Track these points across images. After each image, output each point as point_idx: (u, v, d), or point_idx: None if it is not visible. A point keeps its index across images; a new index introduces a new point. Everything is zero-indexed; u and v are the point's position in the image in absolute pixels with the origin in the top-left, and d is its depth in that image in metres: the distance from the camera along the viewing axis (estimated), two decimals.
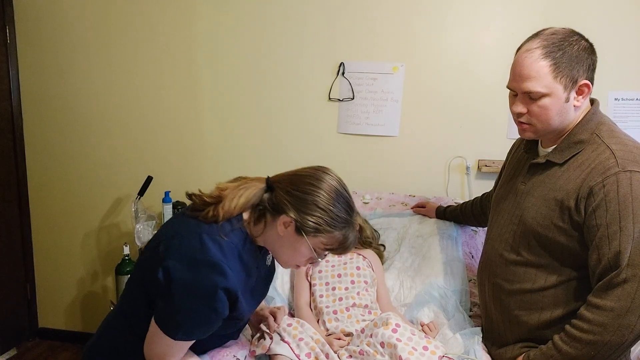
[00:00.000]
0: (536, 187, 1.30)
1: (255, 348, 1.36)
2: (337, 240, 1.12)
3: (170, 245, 1.07)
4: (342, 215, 1.10)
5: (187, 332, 1.07)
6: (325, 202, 1.09)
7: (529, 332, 1.32)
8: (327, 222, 1.09)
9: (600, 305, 1.13)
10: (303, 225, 1.08)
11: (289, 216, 1.09)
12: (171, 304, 1.05)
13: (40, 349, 2.60)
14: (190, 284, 1.03)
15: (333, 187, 1.11)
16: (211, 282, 1.03)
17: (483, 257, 1.48)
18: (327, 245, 1.12)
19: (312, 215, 1.08)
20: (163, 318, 1.07)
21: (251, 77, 2.26)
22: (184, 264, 1.04)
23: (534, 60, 1.18)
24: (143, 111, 2.37)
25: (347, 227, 1.12)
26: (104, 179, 2.46)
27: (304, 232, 1.09)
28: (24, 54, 2.40)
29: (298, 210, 1.09)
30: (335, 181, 1.13)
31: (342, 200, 1.11)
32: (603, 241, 1.13)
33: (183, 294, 1.04)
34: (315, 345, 1.37)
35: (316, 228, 1.09)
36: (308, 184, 1.10)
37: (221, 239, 1.07)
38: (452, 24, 2.09)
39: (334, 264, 1.74)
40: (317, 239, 1.10)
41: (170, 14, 2.26)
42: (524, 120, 1.26)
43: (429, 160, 2.22)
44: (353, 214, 1.13)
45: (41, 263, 2.61)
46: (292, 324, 1.42)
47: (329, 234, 1.10)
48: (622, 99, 2.06)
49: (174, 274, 1.03)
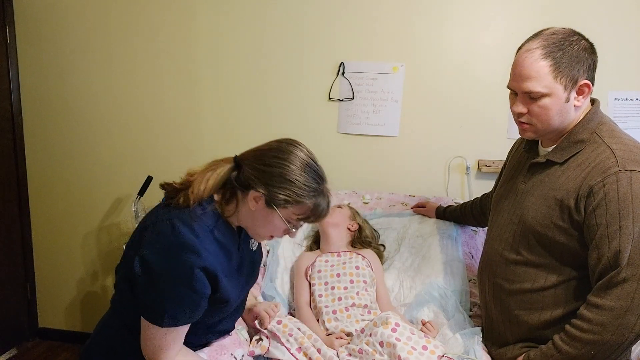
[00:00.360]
0: (536, 186, 1.30)
1: (254, 348, 1.36)
2: (308, 209, 1.13)
3: (144, 236, 1.10)
4: (310, 185, 1.11)
5: (173, 317, 1.07)
6: (292, 173, 1.10)
7: (529, 332, 1.32)
8: (295, 193, 1.10)
9: (600, 304, 1.13)
10: (272, 198, 1.10)
11: (257, 191, 1.10)
12: (151, 291, 1.06)
13: (40, 349, 2.60)
14: (166, 269, 1.05)
15: (299, 157, 1.12)
16: (186, 263, 1.05)
17: (483, 257, 1.48)
18: (299, 215, 1.13)
19: (280, 187, 1.10)
20: (146, 308, 1.08)
21: (251, 77, 2.26)
22: (158, 250, 1.06)
23: (534, 60, 1.18)
24: (143, 111, 2.37)
25: (318, 196, 1.13)
26: (104, 179, 2.46)
27: (275, 205, 1.11)
28: (24, 54, 2.40)
29: (266, 184, 1.10)
30: (302, 151, 1.14)
31: (310, 169, 1.12)
32: (603, 240, 1.14)
33: (161, 280, 1.05)
34: (304, 340, 1.37)
35: (285, 199, 1.10)
36: (274, 157, 1.12)
37: (193, 222, 1.09)
38: (452, 24, 2.09)
39: (333, 263, 1.74)
40: (288, 210, 1.12)
41: (171, 13, 2.26)
42: (524, 120, 1.26)
43: (429, 160, 2.22)
44: (322, 182, 1.14)
45: (41, 263, 2.61)
46: (282, 321, 1.42)
47: (299, 205, 1.11)
48: (622, 99, 2.06)
49: (150, 262, 1.05)
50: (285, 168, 1.10)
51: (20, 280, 2.56)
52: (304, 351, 1.34)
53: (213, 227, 1.13)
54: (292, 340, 1.36)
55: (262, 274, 1.79)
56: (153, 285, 1.06)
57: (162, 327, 1.08)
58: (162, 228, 1.08)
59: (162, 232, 1.07)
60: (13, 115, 2.41)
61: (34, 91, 2.43)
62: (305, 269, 1.74)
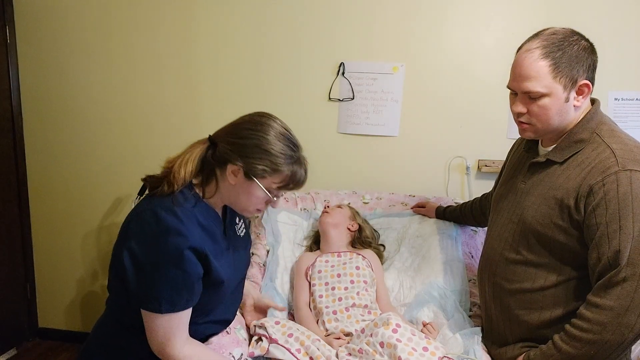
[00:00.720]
0: (536, 186, 1.30)
1: (253, 349, 1.36)
2: (287, 177, 1.14)
3: (129, 229, 1.11)
4: (286, 152, 1.13)
5: (170, 302, 1.08)
6: (267, 142, 1.12)
7: (529, 332, 1.32)
8: (272, 162, 1.12)
9: (600, 304, 1.13)
10: (251, 169, 1.12)
11: (235, 164, 1.12)
12: (145, 281, 1.07)
13: (40, 349, 2.60)
14: (155, 256, 1.06)
15: (272, 127, 1.14)
16: (174, 246, 1.06)
17: (483, 257, 1.48)
18: (279, 183, 1.15)
19: (257, 157, 1.11)
20: (143, 298, 1.09)
21: (251, 77, 2.26)
22: (144, 239, 1.07)
23: (534, 60, 1.18)
24: (143, 111, 2.37)
25: (294, 163, 1.14)
26: (104, 179, 2.46)
27: (253, 176, 1.12)
28: (24, 54, 2.40)
29: (243, 156, 1.12)
30: (274, 122, 1.16)
31: (283, 138, 1.14)
32: (603, 240, 1.14)
33: (152, 267, 1.06)
34: (305, 340, 1.37)
35: (263, 169, 1.12)
36: (248, 130, 1.14)
37: (175, 207, 1.10)
38: (452, 24, 2.09)
39: (334, 264, 1.74)
40: (267, 179, 1.13)
41: (171, 13, 2.26)
42: (524, 120, 1.26)
43: (429, 160, 2.22)
44: (298, 150, 1.16)
45: (41, 263, 2.61)
46: (279, 322, 1.43)
47: (277, 173, 1.13)
48: (622, 99, 2.06)
49: (138, 252, 1.07)
50: (260, 139, 1.12)
51: (20, 280, 2.56)
52: (304, 350, 1.34)
53: (195, 211, 1.14)
54: (292, 340, 1.36)
55: (262, 273, 1.79)
56: (145, 274, 1.07)
57: (162, 314, 1.08)
58: (145, 217, 1.10)
59: (146, 222, 1.09)
60: (13, 116, 2.41)
61: (34, 91, 2.43)
62: (306, 269, 1.74)
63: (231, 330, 1.38)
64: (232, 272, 1.24)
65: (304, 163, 1.18)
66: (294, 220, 2.03)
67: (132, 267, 1.08)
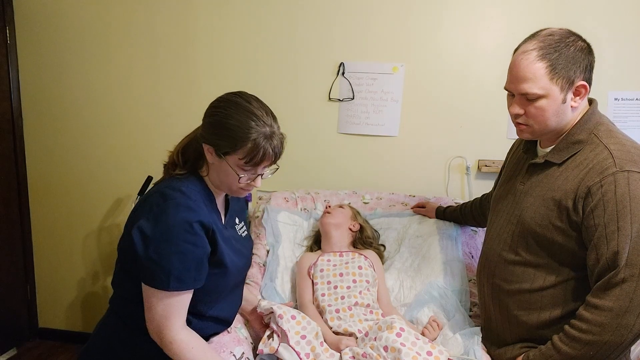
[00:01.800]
0: (535, 187, 1.30)
1: (263, 347, 1.35)
2: (250, 151, 1.11)
3: (138, 210, 1.14)
4: (244, 126, 1.10)
5: (179, 279, 1.09)
6: (227, 118, 1.11)
7: (529, 332, 1.32)
8: (231, 136, 1.10)
9: (599, 305, 1.13)
10: (216, 147, 1.13)
11: (206, 143, 1.14)
12: (154, 255, 1.08)
13: (40, 349, 2.60)
14: (165, 230, 1.08)
15: (234, 102, 1.13)
16: (183, 219, 1.08)
17: (482, 257, 1.48)
18: (244, 159, 1.12)
19: (220, 135, 1.12)
20: (150, 274, 1.09)
21: (251, 77, 2.26)
22: (154, 217, 1.09)
23: (530, 62, 1.19)
24: (143, 111, 2.37)
25: (257, 135, 1.10)
26: (104, 179, 2.46)
27: (222, 154, 1.13)
28: (24, 54, 2.40)
29: (209, 134, 1.14)
30: (239, 97, 1.15)
31: (244, 111, 1.11)
32: (601, 241, 1.14)
33: (161, 241, 1.07)
34: (316, 346, 1.37)
35: (226, 145, 1.11)
36: (213, 108, 1.16)
37: (180, 186, 1.14)
38: (452, 24, 2.09)
39: (336, 263, 1.74)
40: (232, 156, 1.12)
41: (170, 14, 2.26)
42: (521, 121, 1.26)
43: (429, 160, 2.22)
44: (260, 122, 1.11)
45: (41, 263, 2.61)
46: (295, 316, 1.41)
47: (239, 149, 1.11)
48: (622, 99, 2.06)
49: (148, 228, 1.08)
50: (221, 114, 1.12)
51: (21, 280, 2.56)
52: (313, 357, 1.33)
53: (199, 188, 1.18)
54: (304, 343, 1.35)
55: (262, 273, 1.79)
56: (155, 250, 1.08)
57: (169, 291, 1.09)
58: (153, 199, 1.13)
59: (154, 202, 1.11)
60: (13, 117, 2.42)
61: (34, 92, 2.43)
62: (308, 267, 1.74)
63: (232, 329, 1.38)
64: (233, 262, 1.25)
65: (275, 137, 1.14)
66: (294, 220, 2.03)
67: (142, 243, 1.09)
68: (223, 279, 1.23)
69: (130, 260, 1.13)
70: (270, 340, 1.36)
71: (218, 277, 1.21)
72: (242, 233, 1.36)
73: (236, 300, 1.40)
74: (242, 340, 1.37)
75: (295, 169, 2.30)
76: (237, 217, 1.38)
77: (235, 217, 1.36)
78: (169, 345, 1.11)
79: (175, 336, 1.12)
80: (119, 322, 1.21)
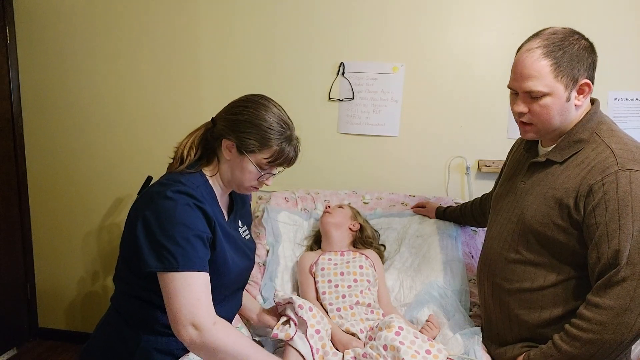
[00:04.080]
0: (536, 185, 1.30)
1: (278, 332, 1.35)
2: (275, 153, 1.19)
3: (140, 201, 1.16)
4: (275, 129, 1.18)
5: (186, 257, 1.06)
6: (257, 118, 1.17)
7: (529, 331, 1.32)
8: (261, 136, 1.17)
9: (600, 304, 1.13)
10: (242, 143, 1.17)
11: (228, 139, 1.18)
12: (159, 240, 1.07)
13: (40, 349, 2.60)
14: (166, 217, 1.08)
15: (264, 105, 1.20)
16: (185, 202, 1.10)
17: (482, 256, 1.48)
18: (268, 158, 1.19)
19: (247, 132, 1.17)
20: (159, 259, 1.07)
21: (252, 77, 2.26)
22: (155, 206, 1.10)
23: (535, 59, 1.19)
24: (143, 111, 2.37)
25: (283, 141, 1.19)
26: (104, 179, 2.46)
27: (245, 150, 1.17)
28: (24, 54, 2.40)
29: (235, 131, 1.17)
30: (267, 101, 1.22)
31: (274, 116, 1.19)
32: (602, 239, 1.14)
33: (165, 226, 1.07)
34: (327, 343, 1.36)
35: (253, 143, 1.17)
36: (241, 107, 1.20)
37: (181, 178, 1.16)
38: (453, 23, 2.09)
39: (337, 262, 1.74)
40: (257, 154, 1.18)
41: (172, 14, 2.26)
42: (525, 120, 1.26)
43: (429, 160, 2.22)
44: (288, 128, 1.21)
45: (41, 263, 2.61)
46: (312, 309, 1.39)
47: (266, 148, 1.18)
48: (622, 99, 2.06)
49: (150, 216, 1.09)
50: (252, 114, 1.17)
51: (21, 280, 2.56)
52: (322, 354, 1.33)
53: (200, 183, 1.19)
54: (317, 338, 1.34)
55: (262, 273, 1.79)
56: (161, 233, 1.07)
57: (180, 271, 1.05)
58: (153, 189, 1.15)
59: (155, 192, 1.13)
60: (13, 116, 2.42)
61: (34, 92, 2.43)
62: (309, 266, 1.74)
63: None
64: (234, 262, 1.24)
65: (295, 142, 1.23)
66: (294, 220, 2.03)
67: (144, 232, 1.09)
68: (223, 278, 1.22)
69: (133, 252, 1.12)
70: (287, 326, 1.35)
71: (218, 277, 1.20)
72: (245, 236, 1.36)
73: (236, 303, 1.39)
74: None
75: (295, 169, 2.27)
76: (241, 220, 1.38)
77: (239, 219, 1.36)
78: (214, 327, 1.04)
79: (215, 316, 1.07)
80: (120, 320, 1.21)
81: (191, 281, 1.06)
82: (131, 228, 1.12)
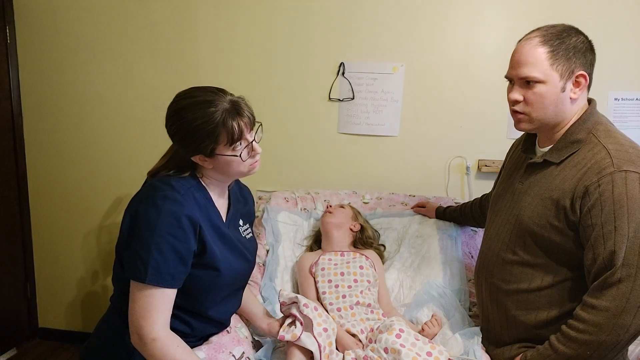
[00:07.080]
0: (533, 186, 1.30)
1: (284, 333, 1.34)
2: (228, 132, 1.13)
3: (130, 202, 1.17)
4: (207, 119, 1.12)
5: (157, 270, 1.08)
6: (188, 124, 1.13)
7: (527, 332, 1.32)
8: (207, 134, 1.12)
9: (596, 305, 1.13)
10: (204, 150, 1.15)
11: (193, 155, 1.17)
12: (137, 244, 1.09)
13: (40, 349, 2.60)
14: (149, 221, 1.09)
15: (179, 109, 1.18)
16: (171, 211, 1.09)
17: (480, 257, 1.48)
18: (229, 142, 1.14)
19: (196, 140, 1.13)
20: (132, 264, 1.09)
21: (252, 77, 2.26)
22: (143, 207, 1.11)
23: (532, 47, 1.21)
24: (143, 111, 2.37)
25: (222, 116, 1.12)
26: (104, 179, 2.46)
27: (212, 153, 1.15)
28: (24, 54, 2.40)
29: (190, 146, 1.15)
30: (177, 102, 1.21)
31: (194, 106, 1.14)
32: (598, 241, 1.14)
33: (146, 231, 1.08)
34: (333, 342, 1.36)
35: (209, 144, 1.13)
36: (171, 125, 1.20)
37: (171, 181, 1.16)
38: (452, 24, 2.09)
39: (337, 262, 1.74)
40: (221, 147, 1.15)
41: (171, 14, 2.26)
42: (519, 109, 1.26)
43: (429, 160, 2.22)
44: (213, 105, 1.13)
45: (41, 263, 2.61)
46: (317, 308, 1.39)
47: (220, 137, 1.13)
48: (622, 99, 2.06)
49: (136, 217, 1.11)
50: (183, 124, 1.14)
51: (21, 280, 2.57)
52: (328, 352, 1.33)
53: (192, 189, 1.18)
54: (325, 336, 1.33)
55: (262, 273, 1.79)
56: (138, 238, 1.09)
57: (146, 284, 1.08)
58: (143, 190, 1.17)
59: (143, 194, 1.15)
60: (13, 115, 2.42)
61: (34, 91, 2.43)
62: (310, 266, 1.74)
63: (232, 329, 1.38)
64: (227, 263, 1.23)
65: (237, 104, 1.16)
66: (294, 220, 2.03)
67: (128, 231, 1.12)
68: (218, 279, 1.22)
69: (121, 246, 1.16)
70: (293, 327, 1.35)
71: (212, 278, 1.20)
72: (246, 235, 1.36)
73: (235, 304, 1.39)
74: (242, 340, 1.37)
75: (295, 169, 2.30)
76: (242, 219, 1.37)
77: (239, 218, 1.36)
78: (152, 343, 1.08)
79: (158, 332, 1.09)
80: (119, 320, 1.21)
81: (152, 295, 1.09)
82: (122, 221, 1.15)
